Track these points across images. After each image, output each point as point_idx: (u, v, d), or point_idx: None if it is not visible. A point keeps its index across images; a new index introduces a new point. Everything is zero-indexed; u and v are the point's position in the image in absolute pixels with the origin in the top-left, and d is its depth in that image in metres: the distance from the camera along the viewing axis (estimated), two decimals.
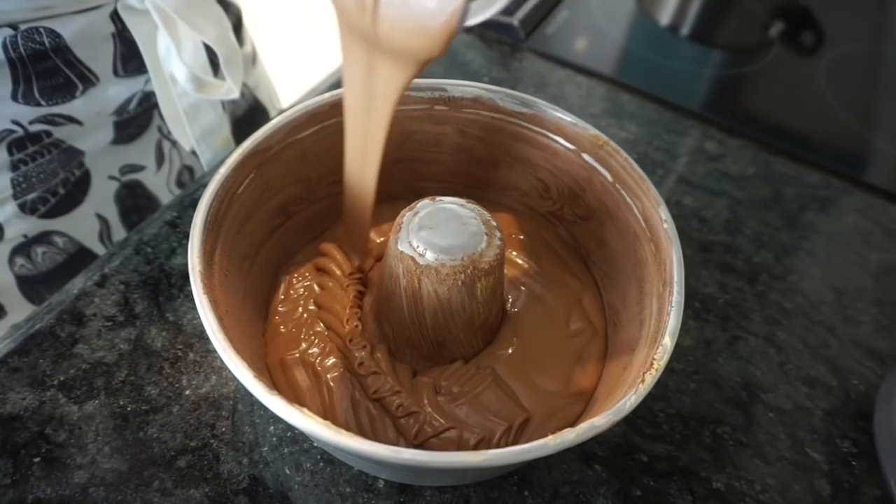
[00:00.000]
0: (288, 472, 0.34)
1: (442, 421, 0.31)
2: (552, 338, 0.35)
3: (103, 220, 0.51)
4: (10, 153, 0.43)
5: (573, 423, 0.28)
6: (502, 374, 0.33)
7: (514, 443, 0.31)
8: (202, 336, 0.38)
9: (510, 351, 0.34)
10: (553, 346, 0.35)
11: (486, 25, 0.61)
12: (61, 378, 0.36)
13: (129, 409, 0.35)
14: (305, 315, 0.35)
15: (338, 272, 0.36)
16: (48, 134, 0.44)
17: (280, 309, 0.35)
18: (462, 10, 0.25)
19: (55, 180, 0.46)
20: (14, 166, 0.43)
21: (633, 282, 0.34)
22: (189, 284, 0.28)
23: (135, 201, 0.53)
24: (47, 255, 0.47)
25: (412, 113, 0.38)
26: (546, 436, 0.24)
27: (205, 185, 0.31)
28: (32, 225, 0.46)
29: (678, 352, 0.40)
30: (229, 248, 0.32)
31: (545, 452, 0.24)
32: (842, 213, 0.50)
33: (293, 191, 0.37)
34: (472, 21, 0.25)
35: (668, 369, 0.38)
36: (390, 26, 0.26)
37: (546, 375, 0.33)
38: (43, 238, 0.47)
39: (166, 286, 0.41)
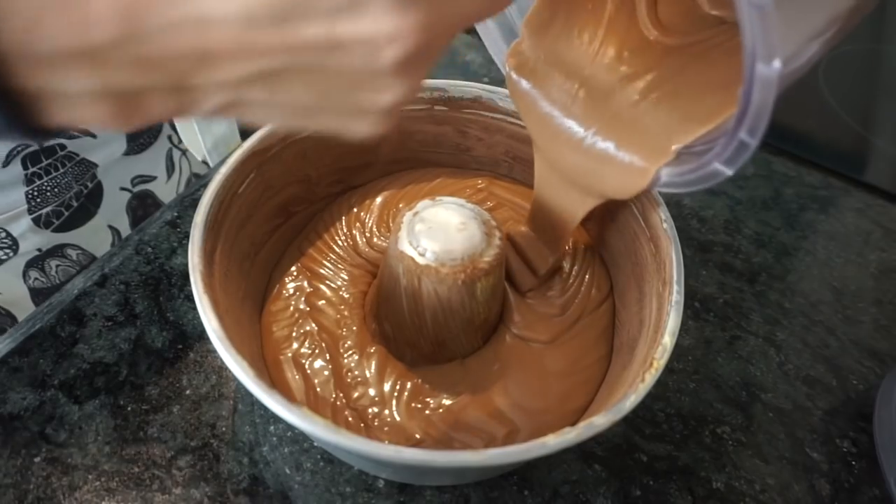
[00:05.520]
0: (288, 471, 0.34)
1: (418, 436, 0.31)
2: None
3: (115, 232, 0.51)
4: (25, 167, 0.43)
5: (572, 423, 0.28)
6: (496, 379, 0.33)
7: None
8: (202, 336, 0.38)
9: (507, 356, 0.34)
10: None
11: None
12: (62, 378, 0.36)
13: (129, 408, 0.35)
14: (297, 314, 0.35)
15: (331, 272, 0.36)
16: (62, 147, 0.44)
17: (272, 308, 0.35)
18: (653, 181, 0.28)
19: (69, 193, 0.46)
20: (29, 180, 0.43)
21: (633, 282, 0.34)
22: (189, 284, 0.28)
23: (145, 211, 0.53)
24: (61, 267, 0.48)
25: (412, 113, 0.38)
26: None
27: (205, 185, 0.31)
28: (47, 238, 0.46)
29: (678, 352, 0.40)
30: (230, 247, 0.32)
31: (545, 452, 0.24)
32: (842, 213, 0.50)
33: (293, 191, 0.37)
34: (659, 188, 0.29)
35: (668, 369, 0.38)
36: (591, 183, 0.31)
37: (543, 384, 0.33)
38: (57, 251, 0.47)
39: (166, 286, 0.41)
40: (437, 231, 0.30)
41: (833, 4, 0.22)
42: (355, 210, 0.39)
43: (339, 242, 0.38)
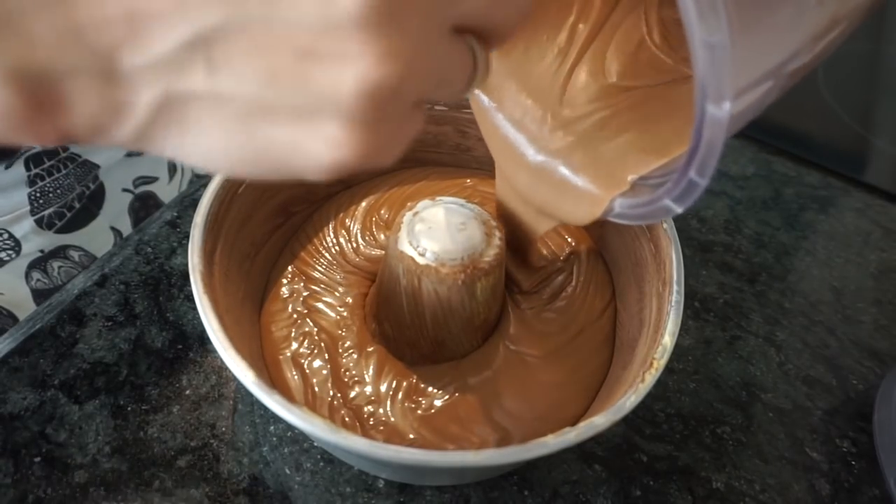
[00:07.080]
0: (288, 471, 0.34)
1: (411, 435, 0.31)
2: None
3: (117, 233, 0.51)
4: (28, 168, 0.43)
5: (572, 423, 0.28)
6: (489, 385, 0.33)
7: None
8: (202, 336, 0.38)
9: (500, 365, 0.34)
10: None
11: None
12: (62, 378, 0.36)
13: (129, 408, 0.35)
14: (296, 315, 0.35)
15: (326, 276, 0.36)
16: (64, 148, 0.44)
17: (271, 308, 0.35)
18: (607, 210, 0.28)
19: (71, 195, 0.46)
20: (31, 182, 0.43)
21: (633, 281, 0.34)
22: (189, 284, 0.28)
23: (147, 212, 0.53)
24: (63, 269, 0.48)
25: None
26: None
27: (205, 185, 0.31)
28: (49, 240, 0.46)
29: (678, 352, 0.40)
30: (229, 247, 0.32)
31: (545, 452, 0.24)
32: (841, 213, 0.50)
33: (293, 191, 0.37)
34: (612, 218, 0.28)
35: (668, 369, 0.38)
36: (546, 206, 0.31)
37: (538, 394, 0.33)
38: (59, 252, 0.47)
39: (166, 286, 0.41)
40: (437, 231, 0.30)
41: (801, 32, 0.21)
42: (341, 215, 0.39)
43: (329, 247, 0.38)
